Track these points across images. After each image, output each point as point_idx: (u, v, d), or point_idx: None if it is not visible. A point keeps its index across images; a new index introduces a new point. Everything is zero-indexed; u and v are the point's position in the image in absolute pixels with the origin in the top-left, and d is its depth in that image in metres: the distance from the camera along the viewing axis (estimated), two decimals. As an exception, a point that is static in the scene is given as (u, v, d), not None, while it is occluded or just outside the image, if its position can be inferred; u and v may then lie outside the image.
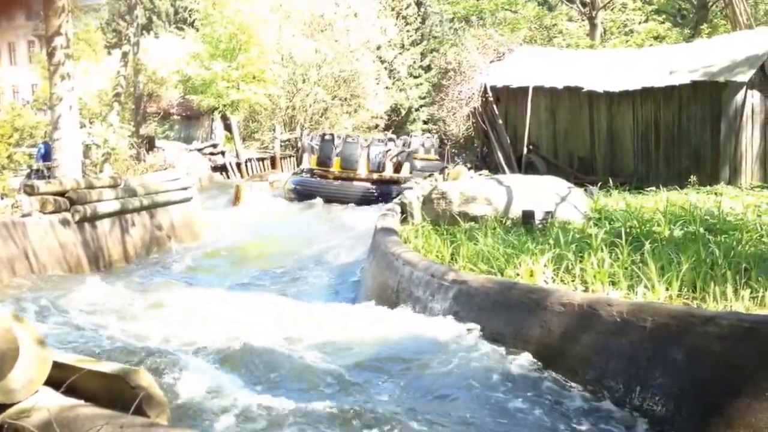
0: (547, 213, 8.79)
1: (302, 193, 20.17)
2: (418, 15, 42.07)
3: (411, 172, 20.23)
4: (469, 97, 17.98)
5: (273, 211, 18.70)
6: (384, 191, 18.28)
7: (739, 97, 13.56)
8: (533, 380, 4.87)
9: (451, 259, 7.62)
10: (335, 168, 20.23)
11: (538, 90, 16.52)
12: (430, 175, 17.31)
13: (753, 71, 13.40)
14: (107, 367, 2.69)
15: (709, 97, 13.85)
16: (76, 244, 10.40)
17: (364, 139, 22.39)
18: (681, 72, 14.35)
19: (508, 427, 4.20)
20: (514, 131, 17.17)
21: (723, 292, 5.22)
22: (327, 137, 21.27)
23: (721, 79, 13.50)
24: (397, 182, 19.29)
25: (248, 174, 27.70)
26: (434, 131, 36.98)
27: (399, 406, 4.44)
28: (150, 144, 24.69)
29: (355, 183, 19.81)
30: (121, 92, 22.45)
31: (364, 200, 18.53)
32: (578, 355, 4.95)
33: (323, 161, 20.35)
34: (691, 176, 13.04)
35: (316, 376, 5.04)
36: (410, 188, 13.18)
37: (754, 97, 13.74)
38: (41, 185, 10.44)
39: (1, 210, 10.20)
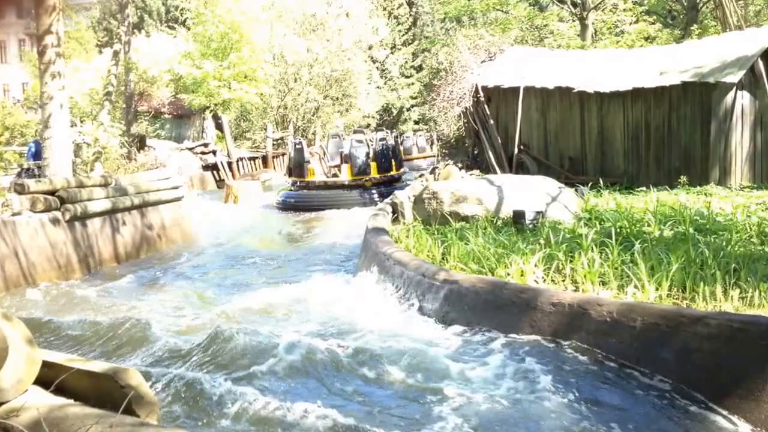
0: (538, 213, 8.82)
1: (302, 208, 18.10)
2: (410, 15, 42.19)
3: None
4: (460, 97, 17.95)
5: (266, 209, 18.64)
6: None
7: (729, 98, 13.60)
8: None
9: (442, 258, 7.63)
10: (373, 173, 18.60)
11: (529, 90, 16.53)
12: (421, 176, 17.31)
13: (743, 72, 13.44)
14: (97, 366, 2.68)
15: (699, 98, 13.89)
16: (66, 243, 10.35)
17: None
18: (671, 73, 14.39)
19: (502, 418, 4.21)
20: (505, 131, 17.18)
21: (712, 292, 5.25)
22: (357, 141, 19.09)
23: (711, 80, 13.54)
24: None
25: (239, 173, 27.65)
26: (425, 130, 37.11)
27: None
28: (141, 143, 24.65)
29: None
30: (112, 91, 22.32)
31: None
32: (568, 355, 4.96)
33: (363, 169, 18.46)
34: (681, 176, 13.09)
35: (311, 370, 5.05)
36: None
37: (743, 98, 13.79)
38: (31, 184, 10.38)
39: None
